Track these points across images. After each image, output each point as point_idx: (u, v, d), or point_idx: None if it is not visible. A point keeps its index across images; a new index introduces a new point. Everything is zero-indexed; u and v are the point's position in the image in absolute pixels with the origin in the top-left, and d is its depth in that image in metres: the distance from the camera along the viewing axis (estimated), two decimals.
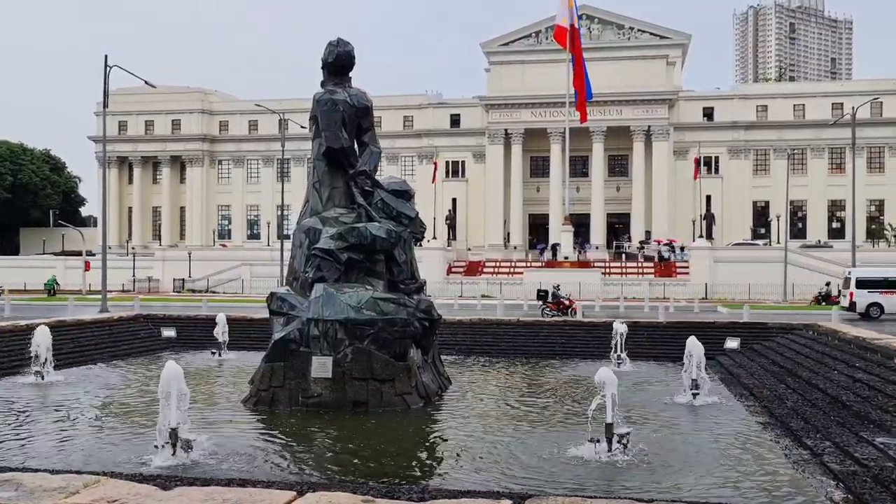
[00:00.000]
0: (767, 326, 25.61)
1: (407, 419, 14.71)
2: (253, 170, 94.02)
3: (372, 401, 15.29)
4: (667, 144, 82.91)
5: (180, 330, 27.84)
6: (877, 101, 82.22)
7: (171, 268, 75.90)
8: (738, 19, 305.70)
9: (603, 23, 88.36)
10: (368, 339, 15.60)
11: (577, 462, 11.18)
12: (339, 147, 17.49)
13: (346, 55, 18.00)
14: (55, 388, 18.21)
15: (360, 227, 16.67)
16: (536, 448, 12.08)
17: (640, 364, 22.19)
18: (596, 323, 26.93)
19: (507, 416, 15.27)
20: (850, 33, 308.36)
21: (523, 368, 22.23)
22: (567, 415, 15.34)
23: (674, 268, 71.15)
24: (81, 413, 15.26)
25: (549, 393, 17.93)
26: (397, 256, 17.28)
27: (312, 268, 16.45)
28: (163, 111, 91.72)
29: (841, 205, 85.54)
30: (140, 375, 20.60)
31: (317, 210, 17.62)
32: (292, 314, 15.93)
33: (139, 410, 15.51)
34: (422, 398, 16.00)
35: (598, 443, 11.44)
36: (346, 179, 17.88)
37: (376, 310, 15.78)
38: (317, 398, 15.28)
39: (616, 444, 11.33)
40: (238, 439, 12.88)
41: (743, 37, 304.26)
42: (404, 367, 15.81)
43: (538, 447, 12.14)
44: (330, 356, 15.39)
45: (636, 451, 11.46)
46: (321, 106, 17.61)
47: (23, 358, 21.50)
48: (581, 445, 11.70)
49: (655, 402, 16.49)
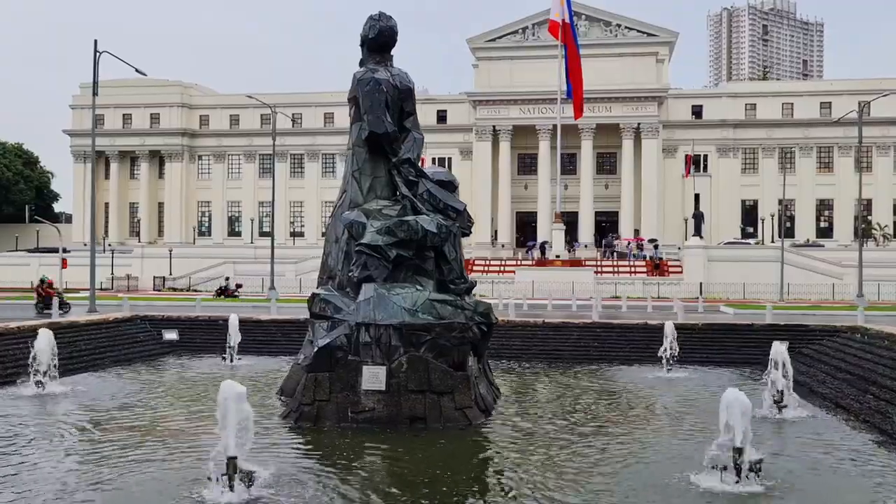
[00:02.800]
0: (810, 328, 24.41)
1: (474, 438, 13.07)
2: (234, 165, 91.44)
3: (430, 416, 13.62)
4: (656, 142, 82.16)
5: (181, 332, 25.88)
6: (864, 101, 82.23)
7: (151, 265, 73.25)
8: (711, 20, 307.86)
9: (590, 20, 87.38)
10: (425, 347, 13.93)
11: (707, 496, 9.62)
12: (384, 132, 15.79)
13: (388, 31, 16.32)
14: (62, 403, 16.24)
15: (409, 221, 15.00)
16: (647, 476, 10.53)
17: (687, 370, 20.75)
18: (628, 325, 25.50)
19: (590, 434, 13.59)
20: (821, 35, 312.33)
21: (566, 374, 20.71)
22: (656, 433, 13.75)
23: (666, 266, 70.32)
24: (103, 434, 13.32)
25: (616, 404, 16.38)
26: (447, 253, 15.65)
27: (358, 266, 14.72)
28: (141, 105, 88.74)
29: (828, 204, 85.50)
30: (152, 384, 18.69)
31: (357, 202, 15.90)
32: (337, 318, 14.19)
33: (172, 430, 13.66)
34: (482, 412, 14.38)
35: (723, 470, 9.91)
36: (389, 168, 16.21)
37: (433, 313, 14.12)
38: (368, 413, 13.57)
39: (747, 473, 9.81)
40: (290, 464, 11.18)
41: (717, 38, 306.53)
42: (463, 377, 14.17)
43: (648, 474, 10.60)
44: (383, 365, 13.70)
45: (765, 478, 9.95)
46: (363, 86, 15.88)
47: (17, 365, 19.49)
48: (700, 473, 10.18)
49: None
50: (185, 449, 12.04)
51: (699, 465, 10.32)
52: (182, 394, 17.66)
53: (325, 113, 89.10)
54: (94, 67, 34.01)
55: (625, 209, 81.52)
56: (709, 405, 15.81)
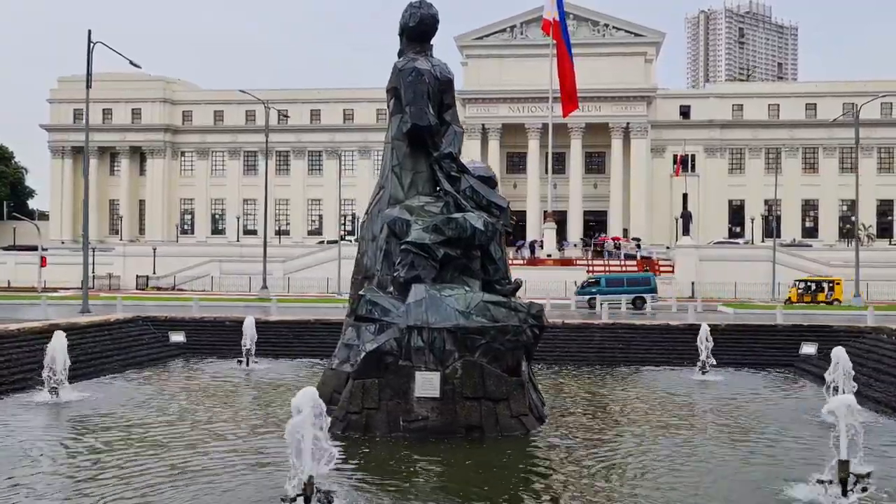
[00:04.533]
0: (833, 329, 24.07)
1: (538, 447, 12.38)
2: (218, 162, 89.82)
3: (486, 424, 12.91)
4: (645, 142, 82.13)
5: (187, 334, 24.89)
6: (849, 102, 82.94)
7: (133, 264, 71.63)
8: (689, 23, 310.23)
9: (578, 20, 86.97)
10: (479, 351, 13.21)
11: None
12: (427, 125, 15.05)
13: (430, 18, 15.57)
14: (80, 410, 15.24)
15: (458, 218, 14.28)
16: (739, 489, 9.91)
17: (720, 372, 20.24)
18: (650, 326, 24.98)
19: (656, 442, 12.92)
20: (795, 39, 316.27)
21: (598, 378, 20.12)
22: (726, 441, 13.08)
23: (657, 266, 70.25)
24: (144, 447, 12.33)
25: (667, 409, 15.77)
26: (493, 252, 14.95)
27: (404, 265, 13.96)
28: (122, 100, 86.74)
29: (814, 204, 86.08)
30: (174, 391, 17.69)
31: (397, 198, 15.14)
32: (386, 320, 13.39)
33: (224, 441, 12.79)
34: (537, 419, 13.70)
35: (829, 484, 9.31)
36: (430, 163, 15.46)
37: (486, 315, 13.40)
38: (422, 422, 12.82)
39: (854, 487, 9.22)
40: (347, 478, 10.38)
41: (694, 40, 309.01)
42: (518, 383, 13.48)
43: (740, 487, 9.97)
44: (437, 371, 12.95)
45: (873, 493, 9.37)
46: (405, 76, 15.12)
47: (24, 370, 18.45)
48: (798, 485, 9.58)
49: (796, 419, 14.48)
50: (255, 466, 11.17)
51: (788, 475, 9.72)
52: (216, 402, 16.58)
53: (311, 110, 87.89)
54: (88, 58, 32.78)
55: (614, 209, 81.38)
56: (766, 410, 15.35)
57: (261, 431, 13.52)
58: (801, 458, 11.41)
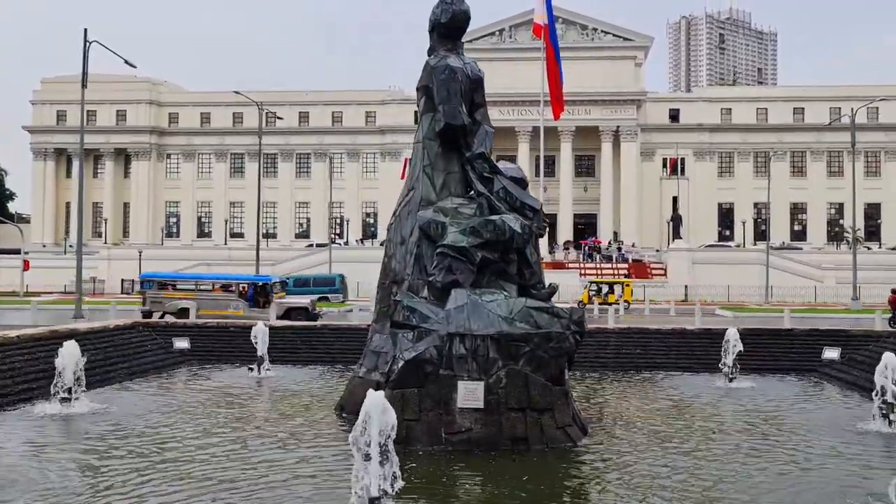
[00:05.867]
0: (851, 333, 23.80)
1: (586, 461, 11.80)
2: (204, 165, 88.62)
3: (532, 436, 12.35)
4: (635, 145, 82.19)
5: (190, 340, 24.10)
6: (836, 107, 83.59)
7: (118, 267, 70.22)
8: (671, 28, 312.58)
9: (567, 23, 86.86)
10: (524, 359, 12.66)
11: None
12: (460, 124, 14.52)
13: (462, 15, 15.09)
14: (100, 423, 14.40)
15: (496, 220, 13.74)
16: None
17: (746, 378, 19.80)
18: (666, 330, 24.59)
19: (710, 451, 12.39)
20: (774, 45, 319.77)
21: (623, 384, 19.62)
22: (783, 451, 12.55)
23: (649, 269, 70.17)
24: (187, 462, 11.62)
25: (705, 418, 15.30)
26: (529, 256, 14.42)
27: (441, 269, 13.38)
28: (107, 101, 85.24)
29: (802, 207, 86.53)
30: (189, 401, 16.87)
31: (429, 199, 14.58)
32: (425, 327, 12.80)
33: (265, 448, 12.14)
34: (581, 430, 13.17)
35: None
36: (462, 163, 14.93)
37: (530, 321, 12.86)
38: (465, 434, 12.23)
39: None
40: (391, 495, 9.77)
41: (676, 45, 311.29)
42: (562, 392, 12.94)
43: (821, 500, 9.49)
44: (480, 380, 12.37)
45: None
46: (438, 74, 14.60)
47: (28, 379, 17.62)
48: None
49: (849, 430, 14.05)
50: (318, 484, 10.55)
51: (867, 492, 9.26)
52: (245, 411, 15.80)
53: (299, 112, 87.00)
54: (84, 57, 31.79)
55: (604, 212, 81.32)
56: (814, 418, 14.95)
57: (309, 440, 12.90)
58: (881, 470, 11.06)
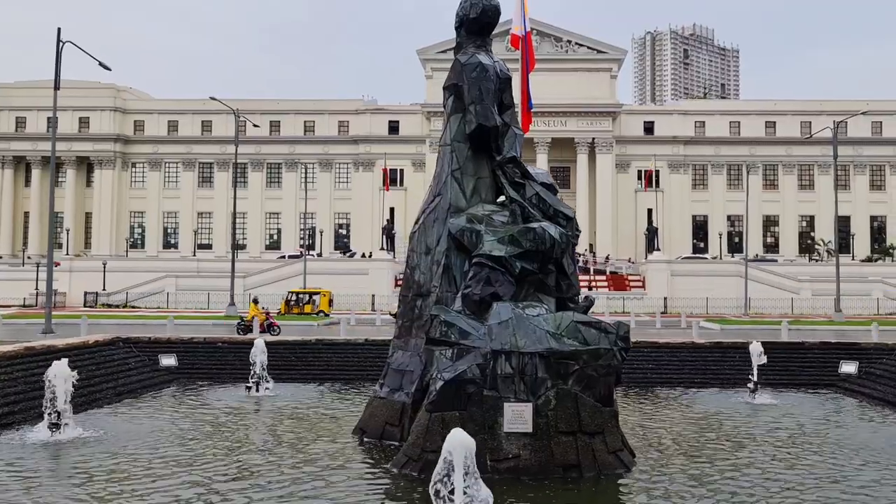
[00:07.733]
0: (862, 347, 23.28)
1: (654, 488, 10.74)
2: (171, 174, 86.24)
3: (584, 462, 11.27)
4: (610, 157, 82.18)
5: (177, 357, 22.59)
6: (807, 121, 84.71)
7: (80, 280, 67.54)
8: (636, 43, 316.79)
9: (541, 35, 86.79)
10: (573, 378, 11.59)
11: None
12: (493, 125, 13.49)
13: (493, 10, 14.07)
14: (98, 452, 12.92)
15: (536, 228, 12.71)
16: None
17: (768, 394, 19.04)
18: (675, 344, 23.78)
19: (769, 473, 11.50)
20: (737, 61, 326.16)
21: (643, 400, 18.69)
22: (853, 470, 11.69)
23: (627, 281, 69.95)
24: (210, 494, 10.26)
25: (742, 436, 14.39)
26: (566, 267, 13.42)
27: (479, 281, 12.28)
28: (69, 108, 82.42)
29: (774, 220, 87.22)
30: (188, 423, 15.43)
31: (459, 206, 13.48)
32: (465, 344, 11.66)
33: (295, 482, 10.81)
34: (631, 454, 12.15)
35: None
36: (493, 168, 13.90)
37: (578, 337, 11.80)
38: (513, 461, 11.10)
39: None
40: None
41: (641, 60, 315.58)
42: (612, 413, 11.90)
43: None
44: (528, 402, 11.28)
45: None
46: (469, 72, 13.55)
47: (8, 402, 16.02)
48: None
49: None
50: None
51: None
52: (249, 439, 14.27)
53: (270, 121, 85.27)
54: (57, 57, 30.18)
55: (579, 223, 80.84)
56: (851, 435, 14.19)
57: (343, 479, 11.48)
58: None
